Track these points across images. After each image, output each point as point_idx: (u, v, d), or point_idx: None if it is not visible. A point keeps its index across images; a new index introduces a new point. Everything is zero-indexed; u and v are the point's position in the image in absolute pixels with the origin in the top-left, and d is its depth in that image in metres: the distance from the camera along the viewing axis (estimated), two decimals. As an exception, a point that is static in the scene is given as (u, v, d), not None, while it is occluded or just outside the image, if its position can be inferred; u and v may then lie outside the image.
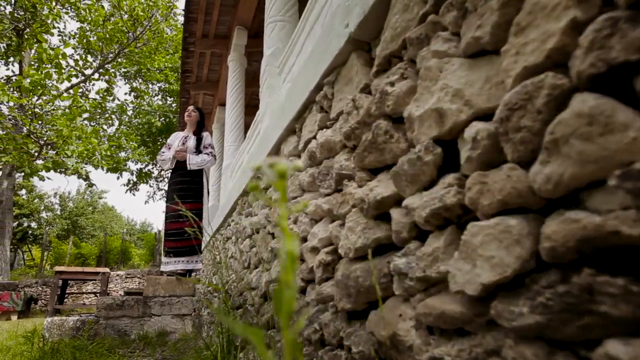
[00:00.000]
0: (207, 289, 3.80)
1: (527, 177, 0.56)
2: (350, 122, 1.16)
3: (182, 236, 5.22)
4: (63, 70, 9.59)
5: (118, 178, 16.63)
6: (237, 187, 2.59)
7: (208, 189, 5.55)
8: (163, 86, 17.69)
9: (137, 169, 18.07)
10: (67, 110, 9.82)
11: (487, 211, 0.63)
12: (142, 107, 16.79)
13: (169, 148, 5.54)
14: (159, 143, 17.69)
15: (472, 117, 0.70)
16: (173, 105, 17.88)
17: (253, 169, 0.30)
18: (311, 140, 1.46)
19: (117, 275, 12.93)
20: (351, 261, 1.06)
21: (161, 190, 19.84)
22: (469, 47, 0.71)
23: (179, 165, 5.40)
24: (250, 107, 7.53)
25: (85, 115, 12.68)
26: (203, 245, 5.14)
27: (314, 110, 1.51)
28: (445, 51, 0.78)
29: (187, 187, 5.33)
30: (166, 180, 19.73)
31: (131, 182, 18.02)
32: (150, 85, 17.43)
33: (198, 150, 5.39)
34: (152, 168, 18.73)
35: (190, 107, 5.66)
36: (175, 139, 5.64)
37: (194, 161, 5.30)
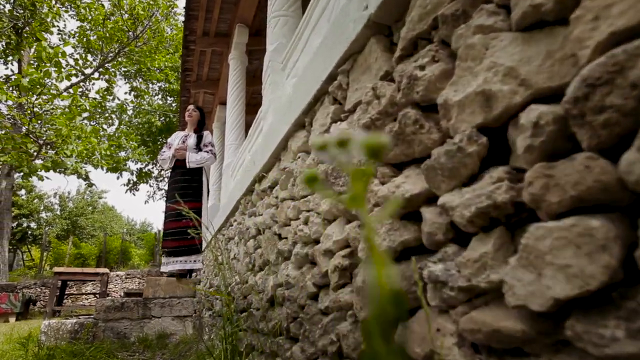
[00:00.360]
0: (210, 289, 3.70)
1: (616, 168, 0.46)
2: (370, 113, 1.05)
3: (180, 235, 5.12)
4: (62, 69, 9.48)
5: (118, 178, 16.54)
6: (240, 186, 2.48)
7: (208, 188, 5.45)
8: (163, 86, 17.58)
9: (137, 168, 17.96)
10: (66, 109, 9.72)
11: (555, 210, 0.52)
12: (142, 107, 16.68)
13: (170, 147, 5.45)
14: (159, 143, 17.58)
15: (529, 98, 0.59)
16: (173, 104, 17.78)
17: (317, 147, 0.19)
18: (323, 135, 1.36)
19: (117, 275, 12.83)
20: (373, 266, 0.95)
21: (161, 190, 19.74)
22: (525, 18, 0.61)
23: (179, 164, 5.31)
24: (251, 106, 7.43)
25: (85, 114, 12.58)
26: (204, 245, 5.04)
27: (325, 102, 1.41)
28: (492, 25, 0.68)
29: (186, 185, 5.24)
30: (166, 179, 19.64)
31: (131, 182, 17.91)
32: (150, 85, 17.32)
33: (198, 148, 5.29)
34: (152, 168, 18.61)
35: (191, 107, 5.58)
36: (176, 138, 5.55)
37: (193, 159, 5.21)
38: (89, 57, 14.51)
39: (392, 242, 0.89)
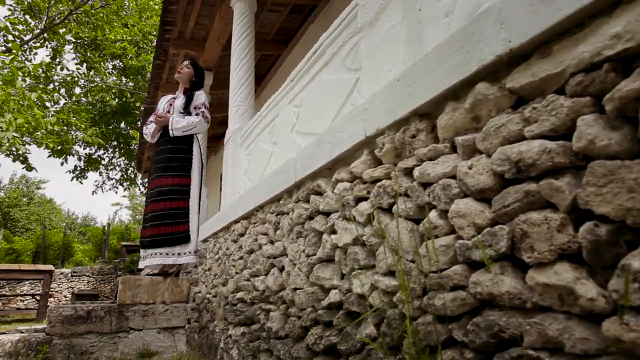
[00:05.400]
0: (233, 294, 2.57)
1: None
2: None
3: (160, 220, 3.89)
4: None
5: (62, 164, 14.36)
6: (354, 119, 1.43)
7: (202, 160, 4.25)
8: (118, 64, 15.56)
9: (85, 153, 15.83)
10: (4, 70, 7.93)
11: None
12: (95, 82, 14.66)
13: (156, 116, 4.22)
14: (111, 127, 15.64)
15: None
16: (130, 84, 15.84)
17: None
18: None
19: (62, 273, 11.01)
20: None
21: (111, 179, 17.64)
22: None
23: (164, 131, 4.11)
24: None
25: (26, 84, 10.59)
26: (200, 235, 3.86)
27: None
28: None
29: (170, 156, 4.04)
30: (118, 168, 17.70)
31: (78, 168, 15.76)
32: (103, 64, 15.18)
33: (187, 111, 4.10)
34: (103, 154, 16.56)
35: (185, 62, 4.39)
36: (163, 102, 4.34)
37: (178, 125, 4.01)
38: (32, 23, 12.38)
39: None
